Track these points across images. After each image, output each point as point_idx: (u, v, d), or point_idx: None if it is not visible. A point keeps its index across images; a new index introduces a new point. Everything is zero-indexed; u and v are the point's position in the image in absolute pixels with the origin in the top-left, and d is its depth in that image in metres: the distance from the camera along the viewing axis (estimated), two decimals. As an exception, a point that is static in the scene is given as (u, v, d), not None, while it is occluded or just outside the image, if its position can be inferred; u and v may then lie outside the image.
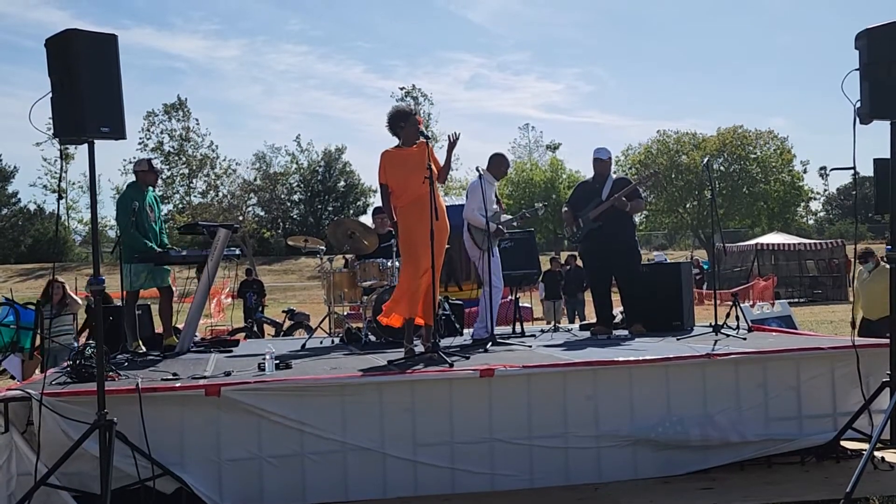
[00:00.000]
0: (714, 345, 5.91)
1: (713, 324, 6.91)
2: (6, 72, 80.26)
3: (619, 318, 7.91)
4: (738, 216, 46.44)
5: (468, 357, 5.67)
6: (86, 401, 4.45)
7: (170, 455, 4.60)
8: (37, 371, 8.25)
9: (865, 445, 4.71)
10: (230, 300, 17.54)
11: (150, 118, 50.76)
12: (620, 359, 5.24)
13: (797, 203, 48.83)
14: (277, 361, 5.40)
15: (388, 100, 61.13)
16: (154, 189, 7.28)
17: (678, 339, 6.48)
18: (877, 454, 4.91)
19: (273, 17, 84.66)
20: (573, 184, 52.42)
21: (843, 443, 5.33)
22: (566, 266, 16.35)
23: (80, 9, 75.02)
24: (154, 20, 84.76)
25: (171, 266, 7.28)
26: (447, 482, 4.88)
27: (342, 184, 59.49)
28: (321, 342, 7.82)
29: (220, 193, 49.62)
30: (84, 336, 9.40)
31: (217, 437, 4.70)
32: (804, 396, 5.33)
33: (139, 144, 49.54)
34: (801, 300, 24.99)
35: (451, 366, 5.16)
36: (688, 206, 46.35)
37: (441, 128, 52.19)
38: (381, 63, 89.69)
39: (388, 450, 4.83)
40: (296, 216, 58.38)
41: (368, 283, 7.60)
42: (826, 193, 75.55)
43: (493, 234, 7.00)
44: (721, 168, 45.20)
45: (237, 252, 7.81)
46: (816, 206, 72.24)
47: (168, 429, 4.65)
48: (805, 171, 48.57)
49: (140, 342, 6.98)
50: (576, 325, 9.64)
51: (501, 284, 7.29)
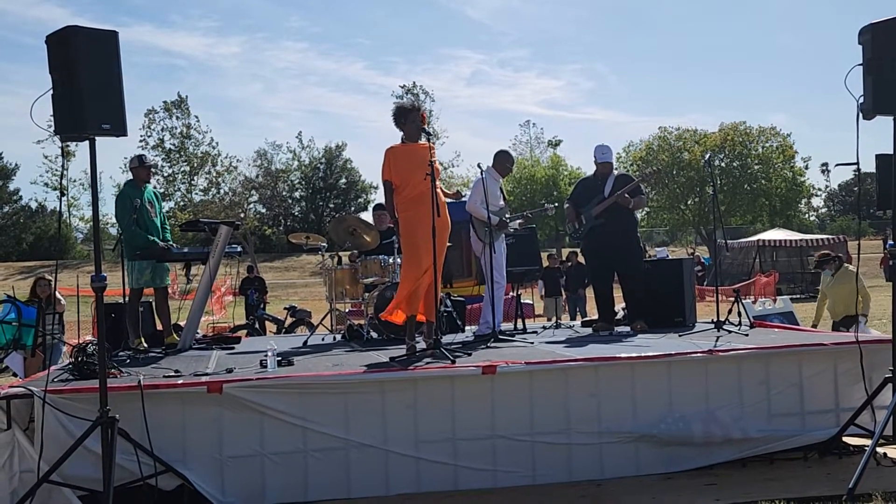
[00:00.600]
0: (716, 341, 5.90)
1: (715, 320, 6.91)
2: (6, 69, 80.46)
3: (621, 315, 7.90)
4: (740, 212, 46.39)
5: (470, 354, 5.67)
6: (88, 398, 4.45)
7: (172, 452, 4.60)
8: (39, 368, 8.24)
9: (868, 441, 4.71)
10: (231, 297, 17.54)
11: (151, 116, 50.78)
12: (623, 355, 5.23)
13: (799, 199, 48.75)
14: (279, 358, 5.40)
15: (389, 97, 61.19)
16: (151, 184, 7.27)
17: (680, 336, 6.48)
18: (879, 450, 4.91)
19: (273, 14, 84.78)
20: (574, 180, 52.43)
21: (846, 439, 5.33)
22: (567, 263, 16.35)
23: (80, 6, 75.04)
24: (154, 17, 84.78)
25: (173, 263, 7.27)
26: (449, 479, 4.88)
27: (343, 181, 59.53)
28: (323, 339, 7.82)
29: (222, 191, 49.69)
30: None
31: (219, 434, 4.70)
32: (806, 392, 5.33)
33: (140, 142, 49.55)
34: (803, 296, 24.95)
35: (454, 362, 5.16)
36: (689, 203, 46.31)
37: (442, 124, 52.23)
38: (382, 60, 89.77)
39: (391, 446, 4.83)
40: (297, 213, 58.43)
41: (370, 280, 7.60)
42: (828, 189, 75.58)
43: (497, 227, 6.99)
44: (722, 164, 45.12)
45: (238, 249, 7.81)
46: (818, 203, 72.29)
47: (170, 426, 4.64)
48: (807, 168, 48.51)
49: (142, 339, 6.98)
50: (577, 322, 9.64)
51: (504, 280, 7.29)
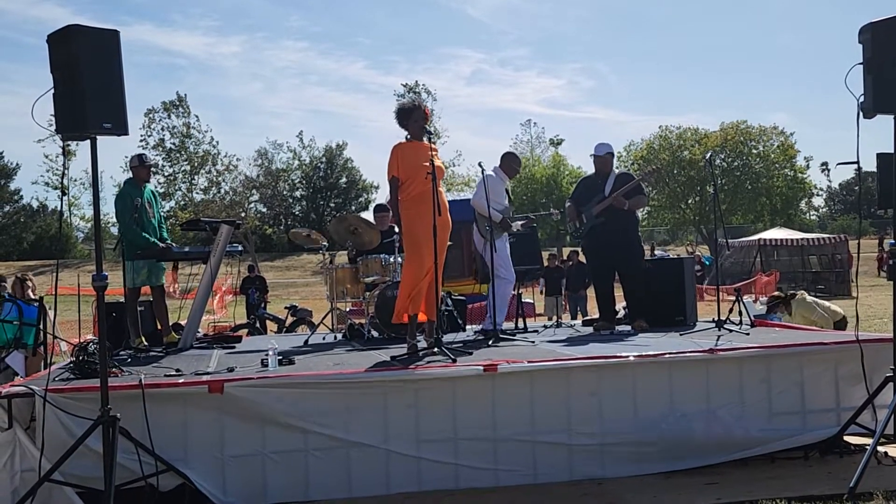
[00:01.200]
0: (717, 340, 5.90)
1: (716, 319, 6.91)
2: (7, 69, 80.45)
3: (622, 314, 7.91)
4: (741, 211, 46.40)
5: (471, 353, 5.67)
6: (89, 397, 4.46)
7: (173, 451, 4.60)
8: (40, 367, 8.24)
9: (869, 440, 4.71)
10: (232, 297, 17.54)
11: (151, 115, 50.79)
12: (624, 354, 5.23)
13: (800, 198, 48.76)
14: (280, 357, 5.40)
15: (390, 96, 61.24)
16: (150, 184, 7.27)
17: (681, 335, 6.48)
18: (880, 449, 4.90)
19: (273, 14, 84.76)
20: (575, 179, 52.47)
21: (847, 438, 5.33)
22: (568, 262, 16.36)
23: (81, 5, 75.02)
24: (154, 16, 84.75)
25: (172, 262, 7.27)
26: (450, 478, 4.87)
27: (344, 180, 59.53)
28: (324, 338, 7.82)
29: (222, 190, 49.70)
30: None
31: (220, 434, 4.70)
32: (807, 392, 5.33)
33: (140, 142, 49.56)
34: (804, 295, 24.91)
35: (455, 361, 5.16)
36: (690, 202, 46.31)
37: (443, 124, 52.23)
38: (382, 59, 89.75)
39: (392, 446, 4.83)
40: (298, 212, 58.44)
41: (371, 279, 7.60)
42: (829, 189, 75.55)
43: (500, 226, 7.01)
44: (723, 163, 45.13)
45: (239, 248, 7.82)
46: (819, 202, 72.27)
47: (171, 425, 4.64)
48: (808, 167, 48.54)
49: (143, 338, 6.98)
50: (578, 321, 9.64)
51: (512, 276, 7.29)
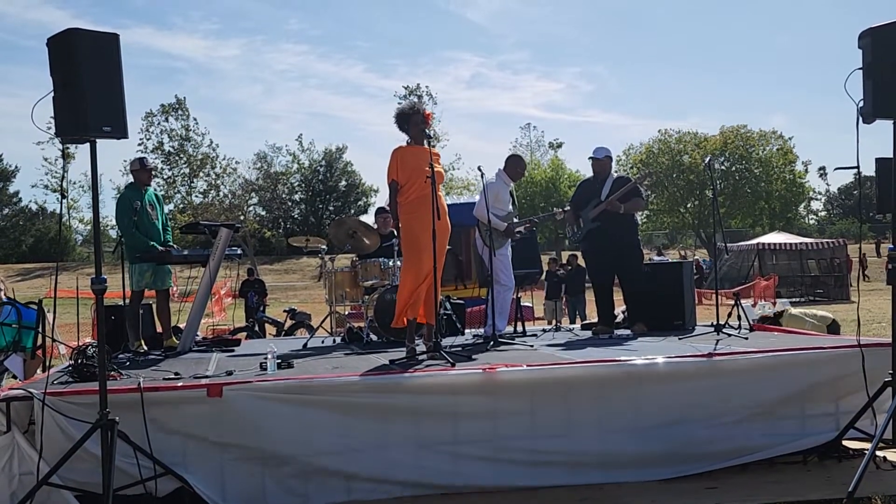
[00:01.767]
0: (716, 344, 5.90)
1: (715, 323, 6.91)
2: (6, 71, 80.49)
3: (621, 318, 7.90)
4: (740, 215, 46.44)
5: (470, 356, 5.67)
6: (88, 400, 4.44)
7: (172, 455, 4.58)
8: (38, 370, 8.23)
9: (867, 445, 4.70)
10: (231, 300, 17.54)
11: (149, 119, 50.79)
12: (622, 359, 5.23)
13: (799, 202, 48.81)
14: (279, 361, 5.40)
15: (389, 99, 61.37)
16: (151, 187, 7.28)
17: (680, 339, 6.48)
18: (879, 453, 4.90)
19: (272, 17, 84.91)
20: (574, 183, 52.54)
21: (846, 442, 5.32)
22: (567, 266, 16.34)
23: (80, 8, 75.22)
24: (153, 20, 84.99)
25: (173, 266, 7.27)
26: (450, 482, 4.85)
27: (343, 183, 59.54)
28: (323, 342, 7.82)
29: (222, 193, 49.71)
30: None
31: (219, 437, 4.68)
32: (806, 396, 5.32)
33: (139, 145, 49.57)
34: (803, 300, 24.96)
35: (454, 365, 5.16)
36: (689, 206, 46.34)
37: (443, 127, 52.26)
38: (381, 62, 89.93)
39: (391, 449, 4.81)
40: (297, 216, 58.45)
41: (370, 283, 7.61)
42: (828, 193, 75.62)
43: (504, 234, 7.02)
44: (722, 167, 45.17)
45: (238, 252, 7.81)
46: (817, 206, 72.34)
47: (170, 428, 4.63)
48: (806, 171, 48.58)
49: (142, 341, 6.98)
50: (577, 325, 9.63)
51: (512, 283, 7.29)
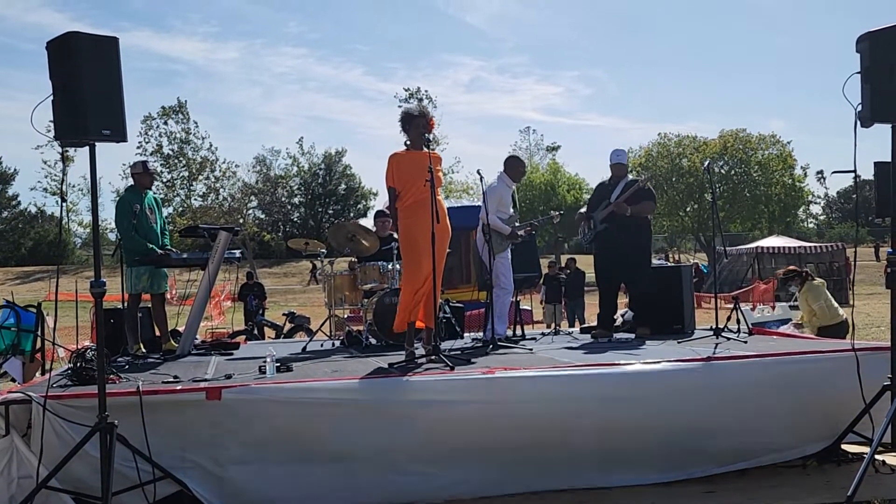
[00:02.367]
0: (715, 348, 5.90)
1: (714, 327, 6.91)
2: (5, 74, 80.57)
3: (620, 321, 7.90)
4: (739, 219, 46.44)
5: (469, 360, 5.67)
6: (87, 404, 4.45)
7: (171, 458, 4.58)
8: (37, 374, 8.22)
9: (866, 449, 4.70)
10: (230, 303, 17.52)
11: (148, 122, 50.79)
12: (621, 362, 5.23)
13: (798, 206, 48.81)
14: (278, 364, 5.40)
15: (389, 102, 61.38)
16: (152, 190, 7.28)
17: (679, 343, 6.48)
18: (878, 458, 4.91)
19: (271, 20, 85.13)
20: (573, 186, 52.56)
21: (844, 446, 5.33)
22: (566, 269, 16.36)
23: (79, 11, 75.31)
24: (152, 22, 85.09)
25: (171, 269, 7.27)
26: (450, 485, 4.85)
27: (343, 187, 59.56)
28: (322, 345, 7.81)
29: (221, 196, 49.70)
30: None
31: (218, 441, 4.68)
32: (805, 400, 5.32)
33: (138, 148, 49.56)
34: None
35: (452, 369, 5.16)
36: (688, 210, 46.35)
37: (443, 131, 52.29)
38: (381, 65, 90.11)
39: (390, 454, 4.80)
40: (296, 219, 58.47)
41: (369, 286, 7.61)
42: (826, 197, 75.69)
43: (508, 237, 7.03)
44: (722, 171, 45.19)
45: (238, 255, 7.81)
46: (816, 210, 72.38)
47: (169, 432, 4.63)
48: (805, 175, 48.60)
49: (141, 345, 6.97)
50: (576, 329, 9.63)
51: (511, 286, 7.29)
